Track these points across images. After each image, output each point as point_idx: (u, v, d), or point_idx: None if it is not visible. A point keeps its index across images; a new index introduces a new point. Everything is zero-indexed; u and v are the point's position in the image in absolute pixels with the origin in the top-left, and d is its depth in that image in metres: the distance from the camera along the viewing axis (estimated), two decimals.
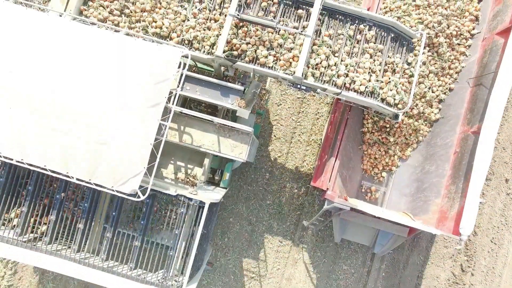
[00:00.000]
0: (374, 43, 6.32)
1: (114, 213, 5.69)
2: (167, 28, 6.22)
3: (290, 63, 6.14)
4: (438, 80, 7.68)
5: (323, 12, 6.28)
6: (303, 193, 9.16)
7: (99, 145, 4.80)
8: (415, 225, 6.54)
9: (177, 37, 6.19)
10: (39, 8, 5.51)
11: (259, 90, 7.20)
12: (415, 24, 7.16)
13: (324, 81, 6.16)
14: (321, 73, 6.16)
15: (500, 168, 9.17)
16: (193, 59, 6.75)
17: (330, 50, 6.19)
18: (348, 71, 6.17)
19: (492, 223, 9.08)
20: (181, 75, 5.37)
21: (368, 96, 6.22)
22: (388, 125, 7.79)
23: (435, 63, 7.56)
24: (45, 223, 5.88)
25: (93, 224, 5.79)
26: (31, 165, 4.93)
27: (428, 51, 7.47)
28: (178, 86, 5.43)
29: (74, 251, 5.66)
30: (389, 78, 6.28)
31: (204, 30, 6.27)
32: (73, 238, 5.76)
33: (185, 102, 7.34)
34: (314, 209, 9.09)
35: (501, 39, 7.02)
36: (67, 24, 5.11)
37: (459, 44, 7.63)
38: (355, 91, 6.18)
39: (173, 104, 5.17)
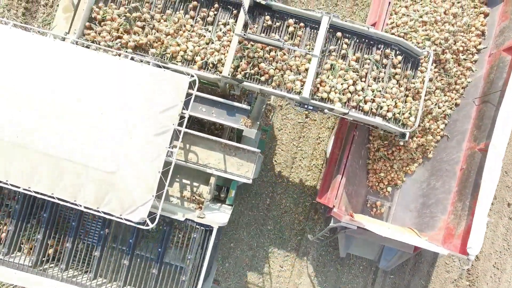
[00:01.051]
0: (400, 68, 6.29)
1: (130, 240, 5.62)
2: (191, 51, 6.10)
3: (318, 88, 6.10)
4: (445, 95, 7.64)
5: (350, 36, 6.23)
6: (304, 218, 9.17)
7: (107, 173, 4.74)
8: (423, 245, 6.50)
9: (201, 60, 6.08)
10: (38, 32, 5.42)
11: (264, 106, 7.16)
12: (421, 40, 7.10)
13: (352, 106, 6.12)
14: (348, 98, 6.12)
15: (502, 192, 9.14)
16: (198, 77, 6.69)
17: (357, 75, 6.15)
18: (374, 96, 6.14)
19: (494, 247, 9.04)
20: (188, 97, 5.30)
21: (392, 121, 6.22)
22: (394, 141, 7.75)
23: (442, 79, 7.51)
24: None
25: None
26: (37, 193, 4.89)
27: (435, 68, 7.42)
28: (185, 109, 5.35)
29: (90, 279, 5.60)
30: (411, 103, 6.30)
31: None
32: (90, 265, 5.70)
33: (189, 120, 7.28)
34: (315, 234, 9.06)
35: (508, 56, 6.98)
36: (70, 50, 5.04)
37: (465, 60, 7.59)
38: (382, 116, 6.16)
39: (183, 126, 5.10)
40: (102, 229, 5.55)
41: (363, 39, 6.27)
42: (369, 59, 6.20)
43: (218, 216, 6.07)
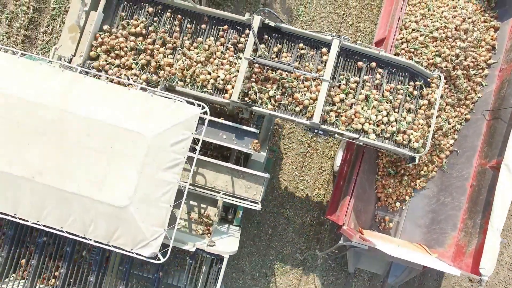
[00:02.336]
0: (427, 99, 6.25)
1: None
2: (222, 80, 5.96)
3: (352, 119, 6.00)
4: (454, 111, 7.54)
5: (381, 65, 6.14)
6: (306, 248, 9.13)
7: (117, 208, 4.68)
8: (435, 266, 6.45)
9: (232, 88, 5.91)
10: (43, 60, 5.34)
11: (272, 126, 7.08)
12: (432, 56, 6.99)
13: (385, 137, 6.06)
14: (381, 130, 6.03)
15: (507, 221, 9.00)
16: (207, 101, 6.60)
17: (390, 106, 6.05)
18: (407, 128, 6.06)
19: (499, 277, 8.92)
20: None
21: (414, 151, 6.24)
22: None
23: (452, 95, 7.41)
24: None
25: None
26: (46, 226, 4.84)
27: (445, 83, 7.32)
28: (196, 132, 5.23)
29: None
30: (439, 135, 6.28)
31: (262, 81, 5.99)
32: None
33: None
34: (317, 264, 9.09)
35: None
36: (79, 81, 4.95)
37: (475, 75, 7.48)
38: (411, 148, 6.12)
39: (196, 153, 5.04)
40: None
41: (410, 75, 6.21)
42: (402, 90, 6.10)
43: (228, 242, 6.01)
